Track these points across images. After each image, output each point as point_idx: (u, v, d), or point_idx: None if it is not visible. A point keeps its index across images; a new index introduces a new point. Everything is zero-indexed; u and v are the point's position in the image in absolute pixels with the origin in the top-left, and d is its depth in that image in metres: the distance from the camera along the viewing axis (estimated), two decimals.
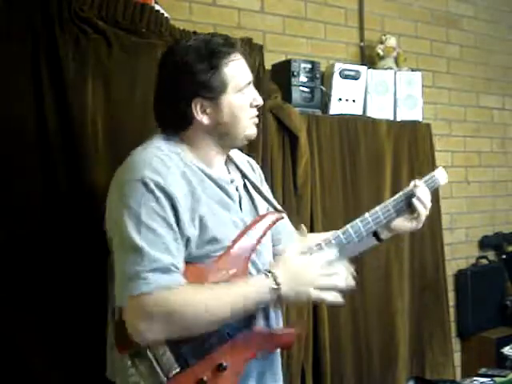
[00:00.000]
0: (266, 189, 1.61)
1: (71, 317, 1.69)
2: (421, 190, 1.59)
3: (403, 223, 1.60)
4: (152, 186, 1.25)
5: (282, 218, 1.50)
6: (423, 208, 1.57)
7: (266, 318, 1.40)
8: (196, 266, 1.31)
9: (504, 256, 3.57)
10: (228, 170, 1.48)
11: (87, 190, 1.73)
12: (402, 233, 1.65)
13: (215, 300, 1.25)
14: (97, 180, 1.74)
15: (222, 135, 1.39)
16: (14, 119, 1.69)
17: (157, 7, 2.01)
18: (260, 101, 1.44)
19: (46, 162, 1.73)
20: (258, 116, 1.46)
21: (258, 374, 1.38)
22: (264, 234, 1.42)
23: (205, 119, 1.36)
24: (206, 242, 1.31)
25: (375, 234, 1.62)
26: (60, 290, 1.68)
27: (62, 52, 1.73)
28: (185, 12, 2.43)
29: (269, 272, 1.29)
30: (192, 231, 1.29)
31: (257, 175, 1.59)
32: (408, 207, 1.58)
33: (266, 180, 1.66)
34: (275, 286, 1.27)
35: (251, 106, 1.42)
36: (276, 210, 1.51)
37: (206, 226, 1.31)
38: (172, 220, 1.25)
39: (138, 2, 1.92)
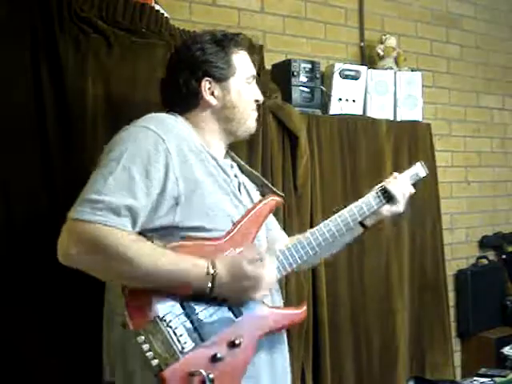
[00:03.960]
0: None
1: (72, 316, 1.69)
2: (392, 182, 1.65)
3: (384, 209, 1.64)
4: (152, 134, 1.30)
5: (282, 202, 1.53)
6: (400, 193, 1.62)
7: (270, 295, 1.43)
8: (203, 242, 1.32)
9: (504, 256, 3.57)
10: (225, 157, 1.53)
11: None
12: (384, 217, 1.67)
13: (147, 255, 1.23)
14: None
15: (227, 120, 1.46)
16: (14, 119, 1.69)
17: (157, 7, 2.01)
18: (261, 97, 1.53)
19: (46, 161, 1.73)
20: (257, 113, 1.53)
21: (267, 348, 1.40)
22: (268, 214, 1.46)
23: (212, 100, 1.44)
24: (202, 212, 1.32)
25: (360, 223, 1.64)
26: (60, 288, 1.69)
27: (62, 52, 1.74)
28: (185, 12, 2.43)
29: (209, 260, 1.28)
30: (181, 190, 1.29)
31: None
32: (383, 200, 1.63)
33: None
34: (211, 271, 1.26)
35: (253, 99, 1.51)
36: (276, 194, 1.54)
37: (201, 194, 1.32)
38: (155, 172, 1.27)
39: (137, 1, 1.92)
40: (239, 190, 1.48)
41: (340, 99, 2.71)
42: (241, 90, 1.47)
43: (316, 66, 2.60)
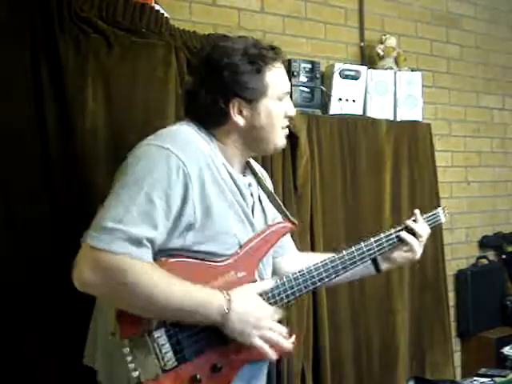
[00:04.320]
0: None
1: (72, 316, 1.69)
2: (413, 224, 1.58)
3: (400, 254, 1.59)
4: (173, 157, 1.24)
5: (294, 228, 1.49)
6: (414, 239, 1.56)
7: None
8: (205, 263, 1.31)
9: (504, 256, 3.56)
10: (244, 174, 1.47)
11: (86, 189, 1.73)
12: (400, 264, 1.63)
13: (165, 290, 1.21)
14: (96, 180, 1.74)
15: (255, 140, 1.40)
16: (15, 119, 1.69)
17: (157, 7, 2.01)
18: (293, 112, 1.44)
19: (46, 161, 1.73)
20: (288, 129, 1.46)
21: (246, 378, 1.38)
22: (276, 241, 1.43)
23: (240, 120, 1.36)
24: (212, 238, 1.30)
25: (375, 263, 1.60)
26: (60, 288, 1.68)
27: (62, 52, 1.74)
28: (185, 12, 2.43)
29: (227, 294, 1.25)
30: (198, 217, 1.27)
31: (268, 184, 1.59)
32: (400, 241, 1.57)
33: None
34: (225, 311, 1.24)
35: (285, 115, 1.42)
36: (289, 220, 1.50)
37: (213, 220, 1.29)
38: (175, 198, 1.23)
39: (137, 1, 1.92)
40: (253, 211, 1.43)
41: (340, 99, 2.71)
42: (272, 109, 1.38)
43: (316, 66, 2.60)
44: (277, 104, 1.39)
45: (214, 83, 1.35)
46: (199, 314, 1.24)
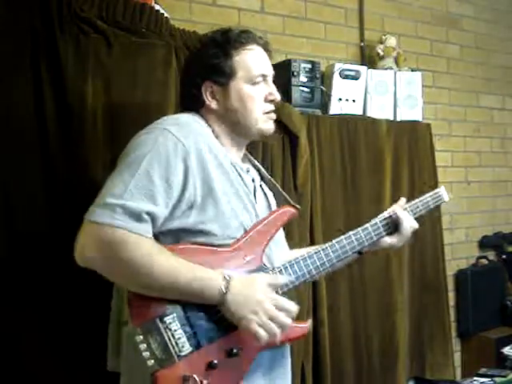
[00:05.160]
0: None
1: (72, 316, 1.69)
2: (401, 213, 1.58)
3: (385, 241, 1.59)
4: (171, 137, 1.28)
5: (298, 212, 1.50)
6: (405, 230, 1.57)
7: None
8: (212, 248, 1.30)
9: (504, 256, 3.56)
10: (243, 161, 1.50)
11: (87, 189, 1.73)
12: (382, 249, 1.62)
13: (165, 264, 1.22)
14: (96, 180, 1.74)
15: (234, 124, 1.42)
16: (14, 119, 1.69)
17: (157, 7, 2.01)
18: (276, 96, 1.45)
19: (46, 161, 1.73)
20: (273, 111, 1.46)
21: (267, 365, 1.38)
22: (281, 225, 1.44)
23: (214, 104, 1.41)
24: (215, 217, 1.30)
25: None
26: (61, 288, 1.69)
27: (62, 52, 1.74)
28: (185, 12, 2.43)
29: (228, 276, 1.25)
30: (198, 193, 1.28)
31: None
32: (389, 229, 1.58)
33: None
34: (223, 291, 1.23)
35: (266, 99, 1.43)
36: (291, 205, 1.51)
37: (216, 199, 1.30)
38: (175, 174, 1.26)
39: (137, 1, 1.92)
40: (255, 196, 1.45)
41: (340, 99, 2.71)
42: (243, 91, 1.40)
43: (316, 66, 2.60)
44: (249, 87, 1.41)
45: (189, 69, 1.46)
46: (199, 291, 1.24)
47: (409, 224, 1.58)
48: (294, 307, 1.31)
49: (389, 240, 1.58)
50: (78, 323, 1.69)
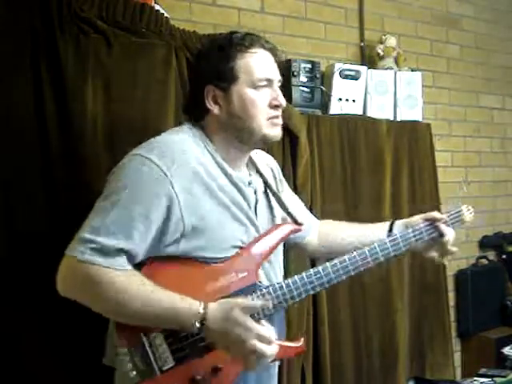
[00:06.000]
0: (288, 193, 1.61)
1: (72, 316, 1.69)
2: (446, 229, 1.57)
3: (426, 248, 1.58)
4: (155, 169, 1.23)
5: (300, 230, 1.48)
6: (450, 244, 1.56)
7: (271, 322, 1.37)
8: (203, 264, 1.29)
9: (504, 256, 3.56)
10: (249, 172, 1.46)
11: (86, 189, 1.73)
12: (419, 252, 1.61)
13: (135, 297, 1.20)
14: (96, 180, 1.73)
15: (237, 129, 1.36)
16: (14, 119, 1.69)
17: (157, 7, 2.01)
18: (281, 101, 1.39)
19: (46, 161, 1.73)
20: (279, 117, 1.40)
21: (256, 380, 1.37)
22: (278, 243, 1.41)
23: (216, 109, 1.36)
24: (209, 244, 1.29)
25: None
26: None
27: (62, 52, 1.74)
28: (185, 12, 2.43)
29: (204, 309, 1.21)
30: (187, 227, 1.26)
31: (277, 180, 1.58)
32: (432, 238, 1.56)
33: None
34: (197, 325, 1.20)
35: (270, 105, 1.37)
36: (295, 221, 1.49)
37: (207, 228, 1.28)
38: (156, 210, 1.22)
39: (137, 1, 1.92)
40: (256, 210, 1.41)
41: (340, 99, 2.71)
42: (246, 96, 1.34)
43: (316, 66, 2.60)
44: (251, 91, 1.34)
45: (193, 74, 1.46)
46: (172, 323, 1.22)
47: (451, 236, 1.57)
48: (271, 334, 1.22)
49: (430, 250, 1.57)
50: (78, 323, 1.68)
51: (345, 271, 1.40)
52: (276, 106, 1.38)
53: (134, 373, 1.23)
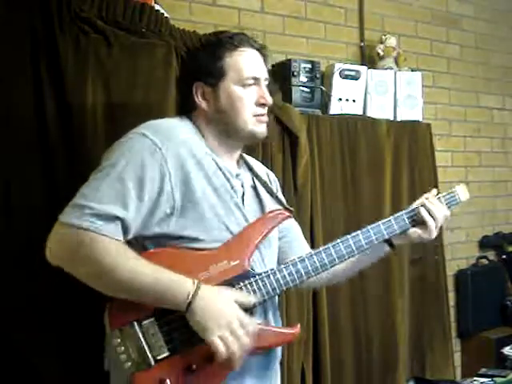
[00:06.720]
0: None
1: (72, 316, 1.69)
2: (430, 202, 1.58)
3: (415, 232, 1.57)
4: (148, 143, 1.27)
5: (291, 217, 1.49)
6: (431, 219, 1.55)
7: (265, 314, 1.39)
8: (196, 252, 1.29)
9: (504, 256, 3.57)
10: (238, 167, 1.48)
11: None
12: (414, 241, 1.60)
13: (130, 268, 1.20)
14: None
15: (224, 125, 1.41)
16: (14, 119, 1.69)
17: (157, 7, 2.01)
18: (267, 100, 1.43)
19: (46, 161, 1.73)
20: (264, 115, 1.44)
21: (257, 370, 1.37)
22: (271, 229, 1.41)
23: (204, 104, 1.41)
24: (199, 224, 1.30)
25: (388, 241, 1.59)
26: (61, 288, 1.68)
27: (61, 52, 1.74)
28: (185, 12, 2.43)
29: (198, 284, 1.23)
30: (178, 201, 1.28)
31: (273, 186, 1.59)
32: (415, 220, 1.56)
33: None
34: (188, 300, 1.21)
35: (257, 103, 1.41)
36: (285, 208, 1.50)
37: (197, 204, 1.30)
38: (149, 181, 1.24)
39: (137, 1, 1.92)
40: (243, 200, 1.43)
41: (340, 99, 2.71)
42: (232, 93, 1.38)
43: (316, 66, 2.60)
44: (238, 88, 1.39)
45: (183, 70, 1.53)
46: (164, 296, 1.22)
47: (442, 213, 1.57)
48: (255, 328, 1.26)
49: (419, 231, 1.56)
50: (78, 323, 1.68)
51: (329, 260, 1.43)
52: (262, 104, 1.42)
53: (129, 364, 1.22)
